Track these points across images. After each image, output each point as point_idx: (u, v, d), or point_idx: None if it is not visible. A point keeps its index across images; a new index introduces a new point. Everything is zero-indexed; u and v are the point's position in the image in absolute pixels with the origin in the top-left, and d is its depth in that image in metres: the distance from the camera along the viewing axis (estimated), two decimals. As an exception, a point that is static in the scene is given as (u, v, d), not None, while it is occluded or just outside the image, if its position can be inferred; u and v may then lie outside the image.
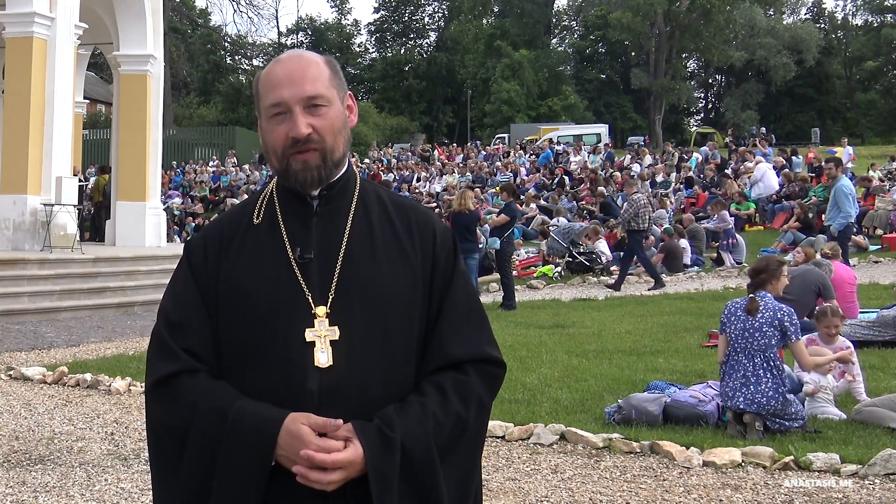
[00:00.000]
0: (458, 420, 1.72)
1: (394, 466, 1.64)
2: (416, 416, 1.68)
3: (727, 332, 5.76)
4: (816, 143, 36.65)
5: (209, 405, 1.68)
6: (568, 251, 17.10)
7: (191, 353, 1.73)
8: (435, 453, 1.68)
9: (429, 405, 1.70)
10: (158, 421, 1.75)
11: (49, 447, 5.59)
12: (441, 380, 1.74)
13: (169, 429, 1.72)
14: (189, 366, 1.72)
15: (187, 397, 1.69)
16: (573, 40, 63.37)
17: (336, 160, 1.77)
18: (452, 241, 1.87)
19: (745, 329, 5.64)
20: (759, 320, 5.61)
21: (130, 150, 16.95)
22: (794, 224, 18.17)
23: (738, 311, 5.73)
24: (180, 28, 56.15)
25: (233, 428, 1.64)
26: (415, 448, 1.66)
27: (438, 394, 1.72)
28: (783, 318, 5.60)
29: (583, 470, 5.05)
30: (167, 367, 1.72)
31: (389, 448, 1.64)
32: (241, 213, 1.86)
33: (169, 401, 1.72)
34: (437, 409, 1.70)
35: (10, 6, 14.08)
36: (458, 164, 31.40)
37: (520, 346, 9.07)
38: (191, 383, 1.70)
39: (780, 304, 5.72)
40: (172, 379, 1.71)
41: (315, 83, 1.75)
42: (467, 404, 1.74)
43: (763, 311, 5.63)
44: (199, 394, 1.69)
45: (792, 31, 52.33)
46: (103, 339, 10.15)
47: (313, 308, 1.70)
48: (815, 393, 5.99)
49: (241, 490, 1.64)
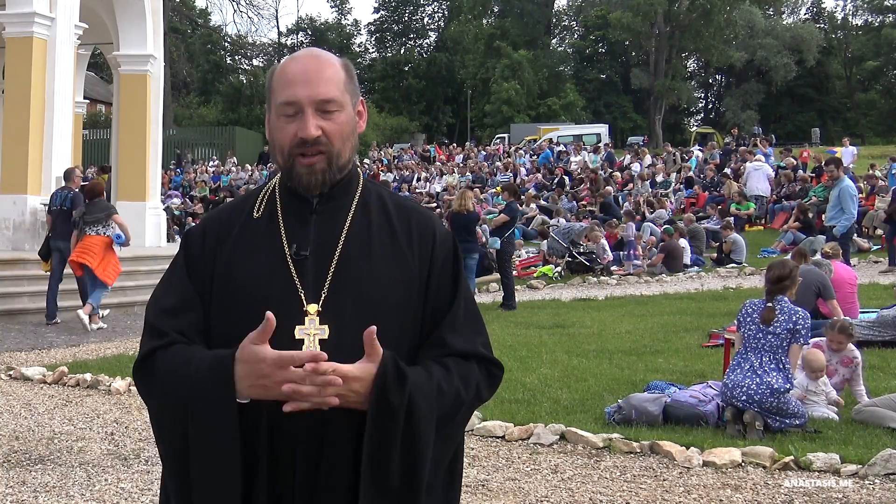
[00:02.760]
0: (458, 397, 1.71)
1: (402, 401, 1.62)
2: (424, 376, 1.68)
3: (742, 330, 5.82)
4: (816, 144, 36.67)
5: (174, 367, 1.67)
6: (568, 251, 17.10)
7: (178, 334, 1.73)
8: (435, 417, 1.67)
9: (434, 374, 1.70)
10: (147, 406, 1.77)
11: (49, 447, 5.59)
12: (445, 360, 1.74)
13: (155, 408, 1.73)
14: (167, 340, 1.71)
15: (160, 369, 1.70)
16: (573, 40, 63.35)
17: (341, 165, 1.77)
18: (453, 244, 1.85)
19: (758, 331, 5.69)
20: (774, 325, 5.65)
21: (130, 150, 16.95)
22: (794, 224, 18.17)
23: (755, 315, 5.77)
24: (180, 28, 56.11)
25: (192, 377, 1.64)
26: (419, 402, 1.64)
27: (443, 368, 1.72)
28: (797, 321, 5.66)
29: (583, 470, 5.05)
30: (146, 346, 1.74)
31: (402, 382, 1.63)
32: (242, 205, 1.85)
33: (146, 377, 1.73)
34: (441, 379, 1.70)
35: (10, 6, 14.07)
36: (458, 164, 31.40)
37: (520, 346, 9.07)
38: (163, 354, 1.70)
39: (797, 308, 5.78)
40: (149, 357, 1.72)
41: (329, 86, 1.74)
42: (467, 386, 1.73)
43: (779, 316, 5.66)
44: (169, 361, 1.69)
45: (792, 32, 52.34)
46: (103, 339, 10.15)
47: (305, 305, 1.69)
48: (802, 399, 6.01)
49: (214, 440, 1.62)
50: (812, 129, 44.38)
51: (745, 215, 20.64)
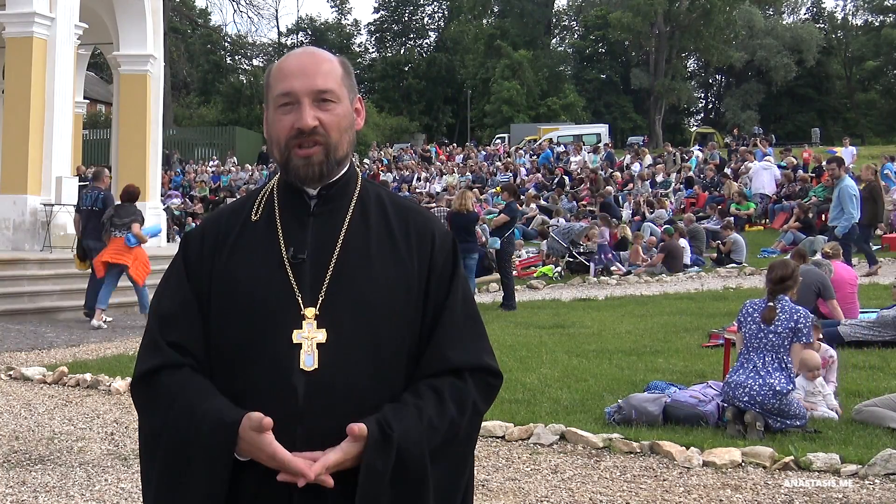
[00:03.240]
0: (452, 425, 1.70)
1: (387, 464, 1.61)
2: (412, 418, 1.66)
3: (742, 331, 5.82)
4: (816, 144, 36.64)
5: (182, 403, 1.66)
6: (568, 251, 17.10)
7: (178, 347, 1.71)
8: (427, 457, 1.65)
9: (425, 408, 1.67)
10: (140, 421, 1.76)
11: (49, 447, 5.59)
12: (438, 384, 1.71)
13: (148, 429, 1.73)
14: (172, 360, 1.70)
15: (165, 396, 1.68)
16: (573, 40, 63.37)
17: (339, 158, 1.76)
18: (452, 245, 1.84)
19: (759, 330, 5.68)
20: (775, 324, 5.64)
21: (130, 150, 16.96)
22: (794, 224, 18.18)
23: (755, 314, 5.77)
24: (180, 28, 56.11)
25: (196, 429, 1.64)
26: (409, 449, 1.63)
27: (435, 397, 1.69)
28: (798, 320, 5.65)
29: (583, 470, 5.05)
30: (150, 362, 1.72)
31: (387, 445, 1.62)
32: (241, 208, 1.84)
33: (149, 399, 1.72)
34: (432, 413, 1.67)
35: (10, 6, 14.08)
36: (458, 164, 31.40)
37: (520, 346, 9.06)
38: (169, 380, 1.69)
39: (798, 308, 5.77)
40: (154, 375, 1.70)
41: (326, 78, 1.74)
42: (462, 410, 1.71)
43: (780, 315, 5.65)
44: (176, 391, 1.68)
45: (792, 31, 52.36)
46: (103, 339, 10.14)
47: (302, 309, 1.68)
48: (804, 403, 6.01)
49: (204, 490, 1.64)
50: (812, 129, 44.37)
51: (745, 215, 20.66)
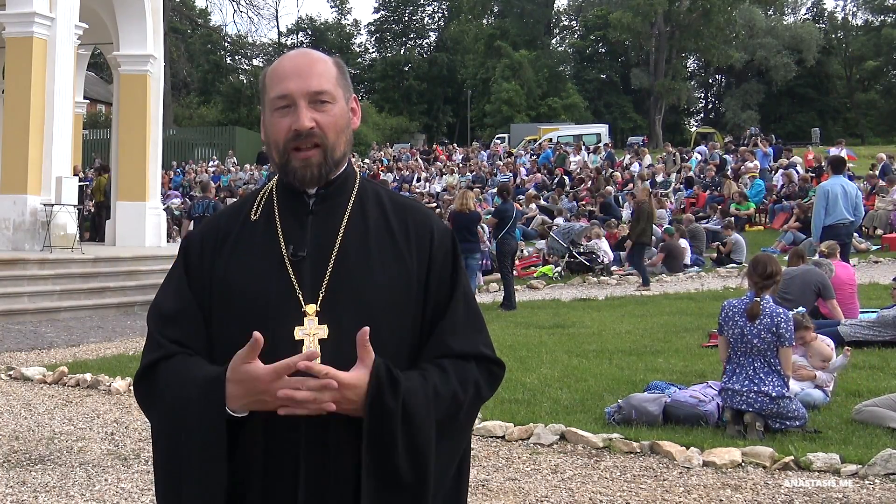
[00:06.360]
0: (455, 399, 1.71)
1: (397, 408, 1.62)
2: (418, 380, 1.67)
3: (726, 334, 5.77)
4: (816, 144, 36.64)
5: (175, 381, 1.68)
6: (568, 251, 17.11)
7: (179, 344, 1.73)
8: (433, 421, 1.66)
9: (430, 377, 1.69)
10: (147, 417, 1.77)
11: (49, 447, 5.59)
12: (442, 361, 1.73)
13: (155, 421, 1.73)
14: (168, 352, 1.72)
15: (161, 381, 1.70)
16: (573, 40, 63.42)
17: (336, 159, 1.77)
18: (452, 241, 1.84)
19: (743, 333, 5.63)
20: (757, 326, 5.61)
21: (130, 150, 16.95)
22: (794, 224, 18.18)
23: (736, 316, 5.71)
24: (180, 28, 56.13)
25: (185, 398, 1.65)
26: (416, 406, 1.65)
27: (439, 371, 1.71)
28: (779, 323, 5.59)
29: (583, 470, 5.05)
30: (148, 358, 1.74)
31: (395, 389, 1.63)
32: (240, 208, 1.86)
33: (148, 391, 1.74)
34: (437, 382, 1.69)
35: (10, 6, 14.07)
36: (459, 164, 31.40)
37: (520, 346, 9.06)
38: (165, 368, 1.71)
39: (779, 309, 5.72)
40: (152, 369, 1.72)
41: (321, 79, 1.75)
42: (465, 387, 1.73)
43: (763, 315, 5.62)
44: (170, 376, 1.69)
45: (792, 31, 52.39)
46: (103, 339, 10.15)
47: (303, 306, 1.69)
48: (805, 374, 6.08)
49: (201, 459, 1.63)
50: (812, 129, 44.38)
51: (744, 215, 20.67)
